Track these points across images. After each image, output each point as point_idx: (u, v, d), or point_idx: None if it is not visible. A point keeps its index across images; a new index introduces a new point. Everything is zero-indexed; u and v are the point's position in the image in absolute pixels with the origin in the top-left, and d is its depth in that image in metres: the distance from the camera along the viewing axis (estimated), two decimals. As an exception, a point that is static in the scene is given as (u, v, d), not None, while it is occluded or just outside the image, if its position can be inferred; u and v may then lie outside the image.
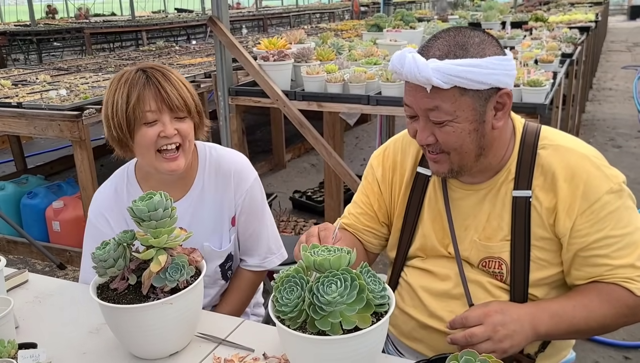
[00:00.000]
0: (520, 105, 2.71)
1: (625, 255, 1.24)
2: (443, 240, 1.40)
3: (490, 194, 1.34)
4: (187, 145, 1.52)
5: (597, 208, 1.24)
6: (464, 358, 0.85)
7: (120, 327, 1.26)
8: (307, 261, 1.09)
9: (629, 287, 1.23)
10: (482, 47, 1.20)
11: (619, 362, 2.69)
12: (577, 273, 1.29)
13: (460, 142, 1.24)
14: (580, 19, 6.36)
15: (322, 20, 17.19)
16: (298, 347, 1.09)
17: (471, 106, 1.20)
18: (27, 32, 10.95)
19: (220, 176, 1.65)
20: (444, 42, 1.21)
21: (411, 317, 1.43)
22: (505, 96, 1.24)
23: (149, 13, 18.94)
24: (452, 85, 1.17)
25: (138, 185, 1.63)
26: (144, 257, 1.24)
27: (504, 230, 1.32)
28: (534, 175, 1.29)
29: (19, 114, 3.42)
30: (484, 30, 1.26)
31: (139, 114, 1.45)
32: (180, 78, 1.52)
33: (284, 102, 3.24)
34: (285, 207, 4.56)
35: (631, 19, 22.86)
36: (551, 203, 1.27)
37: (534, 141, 1.32)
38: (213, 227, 1.65)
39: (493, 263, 1.34)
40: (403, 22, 4.62)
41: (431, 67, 1.16)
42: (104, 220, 1.62)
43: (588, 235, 1.25)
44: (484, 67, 1.17)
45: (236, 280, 1.77)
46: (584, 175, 1.25)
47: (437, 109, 1.21)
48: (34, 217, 3.86)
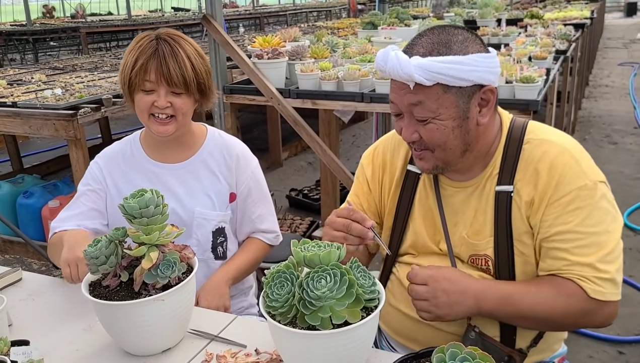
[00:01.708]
0: (513, 101, 2.72)
1: (587, 254, 1.22)
2: (434, 237, 1.41)
3: (477, 190, 1.35)
4: (180, 117, 1.62)
5: (566, 201, 1.23)
6: (450, 351, 0.85)
7: (113, 323, 1.26)
8: (297, 256, 1.10)
9: (583, 285, 1.21)
10: (465, 45, 1.21)
11: (613, 357, 2.70)
12: (541, 264, 1.29)
13: (444, 139, 1.25)
14: (576, 16, 6.37)
15: (319, 19, 17.18)
16: (289, 342, 1.10)
17: (454, 103, 1.21)
18: (23, 31, 10.94)
19: (225, 154, 1.76)
20: (427, 39, 1.23)
21: (401, 312, 1.44)
22: (489, 93, 1.24)
23: (146, 12, 18.92)
24: (434, 82, 1.18)
25: (141, 147, 1.75)
26: (135, 254, 1.25)
27: (487, 226, 1.33)
28: (517, 169, 1.30)
29: (14, 114, 3.41)
30: (468, 29, 1.27)
31: (139, 80, 1.57)
32: (188, 53, 1.59)
33: (278, 100, 3.25)
34: (281, 206, 4.57)
35: (628, 15, 22.89)
36: (529, 196, 1.27)
37: (520, 136, 1.32)
38: (208, 195, 1.72)
39: (480, 260, 1.35)
40: (398, 20, 4.63)
41: (414, 64, 1.17)
42: (99, 170, 1.74)
43: (552, 226, 1.24)
44: (466, 64, 1.18)
45: (247, 246, 1.84)
46: (561, 167, 1.25)
47: (421, 105, 1.22)
48: (30, 216, 3.86)
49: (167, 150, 1.72)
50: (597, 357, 2.69)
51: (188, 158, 1.74)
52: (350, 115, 3.61)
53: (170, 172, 1.71)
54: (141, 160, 1.73)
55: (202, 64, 1.63)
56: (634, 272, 3.38)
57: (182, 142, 1.73)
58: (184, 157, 1.74)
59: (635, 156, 5.53)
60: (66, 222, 1.67)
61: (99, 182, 1.72)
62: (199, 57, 1.62)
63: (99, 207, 1.71)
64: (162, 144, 1.71)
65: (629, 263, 3.47)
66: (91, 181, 1.73)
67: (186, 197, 1.70)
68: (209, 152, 1.75)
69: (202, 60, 1.63)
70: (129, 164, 1.73)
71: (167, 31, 1.63)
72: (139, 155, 1.74)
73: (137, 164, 1.73)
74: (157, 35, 1.60)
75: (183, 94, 1.59)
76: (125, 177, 1.72)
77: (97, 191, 1.72)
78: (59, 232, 1.65)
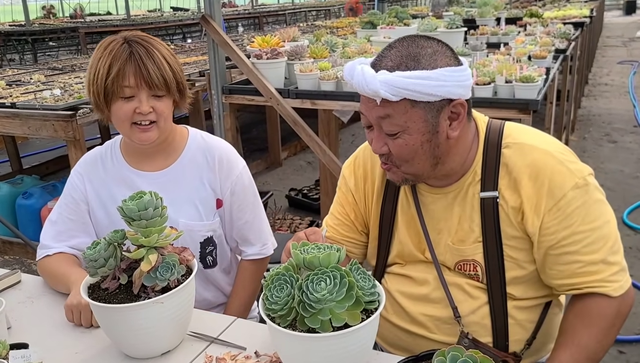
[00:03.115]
0: (512, 100, 2.72)
1: (596, 250, 1.23)
2: (419, 245, 1.40)
3: (459, 197, 1.33)
4: (162, 122, 1.54)
5: (564, 204, 1.22)
6: (450, 354, 0.85)
7: (112, 326, 1.26)
8: (296, 259, 1.09)
9: (604, 292, 1.23)
10: (434, 58, 1.18)
11: (614, 356, 2.69)
12: (551, 272, 1.28)
13: (412, 154, 1.23)
14: (575, 15, 6.37)
15: (318, 18, 17.17)
16: (288, 345, 1.09)
17: (423, 118, 1.19)
18: (22, 32, 10.93)
19: (208, 158, 1.67)
20: (397, 52, 1.20)
21: (393, 324, 1.44)
22: (459, 106, 1.22)
23: (145, 12, 18.91)
24: (401, 98, 1.16)
25: (121, 155, 1.66)
26: (134, 257, 1.24)
27: (475, 232, 1.32)
28: (499, 175, 1.28)
29: (13, 114, 3.41)
30: (439, 41, 1.24)
31: (117, 87, 1.47)
32: (163, 53, 1.53)
33: (277, 100, 3.24)
34: (281, 205, 4.57)
35: (627, 14, 22.89)
36: (516, 203, 1.26)
37: (497, 140, 1.30)
38: (193, 204, 1.65)
39: (468, 266, 1.34)
40: (397, 19, 4.63)
41: (379, 80, 1.15)
42: (79, 178, 1.67)
43: (557, 232, 1.24)
44: (433, 79, 1.15)
45: (240, 276, 1.78)
46: (548, 172, 1.24)
47: (389, 118, 1.19)
48: (30, 217, 3.86)
49: (148, 157, 1.64)
50: (597, 357, 2.69)
51: (170, 165, 1.65)
52: (349, 115, 3.61)
53: (151, 181, 1.61)
54: (121, 169, 1.65)
55: (177, 63, 1.57)
56: (634, 271, 3.38)
57: (162, 148, 1.64)
58: (165, 165, 1.65)
59: (635, 155, 5.52)
60: (55, 243, 1.62)
61: (80, 192, 1.65)
62: (173, 57, 1.56)
63: (83, 219, 1.66)
64: (142, 151, 1.63)
65: (629, 262, 3.43)
66: (73, 192, 1.65)
67: (169, 208, 1.56)
68: (191, 156, 1.66)
69: (175, 59, 1.57)
70: (109, 173, 1.65)
71: (134, 33, 1.55)
72: (119, 163, 1.65)
73: (117, 172, 1.65)
74: (125, 38, 1.51)
75: (164, 96, 1.52)
76: (105, 185, 1.65)
77: (79, 202, 1.65)
78: (54, 256, 1.60)
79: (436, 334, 1.37)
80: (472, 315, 1.34)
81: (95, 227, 1.67)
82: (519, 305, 1.34)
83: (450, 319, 1.35)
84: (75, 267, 1.57)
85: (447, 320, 1.35)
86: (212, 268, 1.73)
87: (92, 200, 1.66)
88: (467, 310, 1.34)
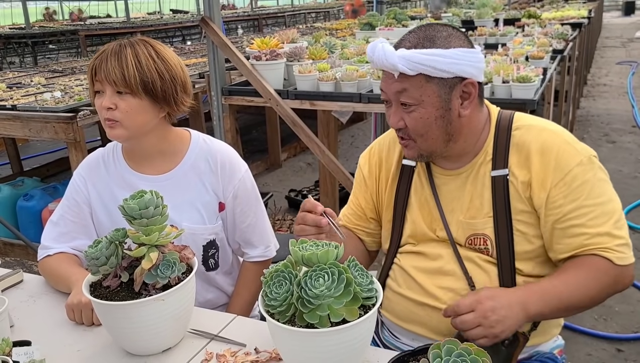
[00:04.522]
0: (509, 101, 2.74)
1: (601, 224, 1.29)
2: (431, 225, 1.46)
3: (470, 176, 1.41)
4: (127, 121, 1.52)
5: (569, 179, 1.30)
6: (446, 347, 0.87)
7: (113, 324, 1.27)
8: (295, 256, 1.11)
9: (608, 256, 1.28)
10: (449, 40, 1.30)
11: (612, 354, 2.71)
12: (558, 246, 1.33)
13: (426, 128, 1.33)
14: (573, 16, 6.40)
15: (318, 20, 17.20)
16: (287, 340, 1.11)
17: (436, 93, 1.30)
18: (22, 34, 10.95)
19: (210, 161, 1.67)
20: (415, 35, 1.33)
21: (406, 297, 1.47)
22: (470, 85, 1.32)
23: (144, 14, 18.93)
24: (417, 72, 1.27)
25: (123, 158, 1.68)
26: (135, 255, 1.26)
27: (485, 208, 1.38)
28: (510, 153, 1.36)
29: (14, 117, 3.43)
30: (454, 27, 1.35)
31: (93, 81, 1.53)
32: (138, 52, 1.51)
33: (276, 101, 3.26)
34: (280, 206, 4.59)
35: (626, 14, 22.90)
36: (526, 178, 1.34)
37: (508, 124, 1.40)
38: (196, 208, 1.65)
39: (478, 240, 1.39)
40: (395, 21, 4.65)
41: (397, 55, 1.27)
42: (82, 181, 1.68)
43: (562, 206, 1.30)
44: (447, 56, 1.27)
45: (243, 276, 1.79)
46: (555, 148, 1.32)
47: (405, 92, 1.30)
48: (30, 219, 3.87)
49: (148, 160, 1.64)
50: (595, 355, 2.70)
51: (172, 169, 1.65)
52: (348, 116, 3.62)
53: (153, 184, 1.59)
54: (123, 171, 1.65)
55: (158, 66, 1.52)
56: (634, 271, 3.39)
57: (162, 151, 1.64)
58: (167, 168, 1.65)
59: (634, 155, 5.54)
60: (56, 244, 1.63)
61: (83, 195, 1.66)
62: (159, 60, 1.53)
63: (85, 222, 1.67)
64: (141, 153, 1.64)
65: (627, 261, 3.48)
66: (75, 195, 1.66)
67: (172, 211, 1.55)
68: (193, 160, 1.66)
69: (164, 63, 1.54)
70: (112, 175, 1.66)
71: (137, 38, 1.57)
72: (121, 166, 1.66)
73: (118, 175, 1.66)
74: (127, 39, 1.56)
75: (127, 94, 1.50)
76: (108, 187, 1.66)
77: (82, 205, 1.66)
78: (55, 256, 1.62)
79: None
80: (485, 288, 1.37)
81: (97, 229, 1.68)
82: (527, 281, 1.37)
83: (464, 290, 1.39)
84: (76, 267, 1.58)
85: (461, 291, 1.39)
86: (214, 271, 1.74)
87: (94, 203, 1.67)
88: (480, 282, 1.38)
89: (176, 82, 1.56)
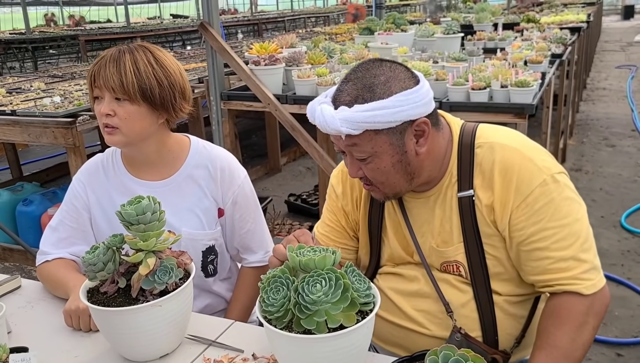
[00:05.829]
0: (508, 105, 2.74)
1: (566, 247, 1.23)
2: (407, 249, 1.44)
3: (439, 200, 1.37)
4: (125, 128, 1.52)
5: (531, 201, 1.24)
6: (442, 353, 0.87)
7: (111, 330, 1.27)
8: (292, 261, 1.11)
9: (576, 289, 1.22)
10: (388, 85, 1.21)
11: (612, 359, 2.70)
12: (525, 268, 1.29)
13: (385, 176, 1.28)
14: (572, 20, 6.41)
15: (317, 25, 17.23)
16: (285, 346, 1.11)
17: (388, 142, 1.24)
18: (22, 40, 10.97)
19: (210, 168, 1.67)
20: (352, 85, 1.24)
21: (386, 320, 1.46)
22: (422, 124, 1.25)
23: (144, 19, 18.99)
24: (363, 130, 1.21)
25: (123, 164, 1.67)
26: (133, 260, 1.26)
27: (454, 233, 1.35)
28: (474, 174, 1.31)
29: (13, 122, 3.43)
30: (392, 64, 1.27)
31: (92, 87, 1.53)
32: (137, 59, 1.51)
33: (275, 106, 3.27)
34: (280, 211, 4.58)
35: (625, 18, 22.94)
36: (489, 201, 1.29)
37: (470, 141, 1.33)
38: (195, 214, 1.65)
39: (451, 267, 1.37)
40: (394, 25, 4.66)
41: (338, 118, 1.20)
42: (81, 187, 1.67)
43: (525, 228, 1.25)
44: (390, 107, 1.19)
45: (241, 281, 1.78)
46: (516, 168, 1.26)
47: (357, 146, 1.25)
48: (30, 224, 3.87)
49: (147, 166, 1.64)
50: (595, 359, 2.70)
51: (171, 175, 1.65)
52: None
53: (153, 190, 1.55)
54: (122, 177, 1.65)
55: (157, 73, 1.52)
56: (632, 275, 3.39)
57: (162, 157, 1.64)
58: (166, 174, 1.65)
59: (633, 159, 5.54)
60: (55, 249, 1.63)
61: (83, 201, 1.66)
62: (158, 66, 1.53)
63: (84, 227, 1.66)
64: (141, 159, 1.63)
65: (627, 265, 3.48)
66: (74, 200, 1.66)
67: (172, 217, 1.58)
68: (193, 166, 1.66)
69: (163, 70, 1.53)
70: (111, 181, 1.66)
71: (137, 43, 1.57)
72: (120, 172, 1.66)
73: (118, 181, 1.65)
74: (128, 45, 1.55)
75: (126, 101, 1.50)
76: (107, 193, 1.65)
77: (81, 210, 1.66)
78: (53, 262, 1.61)
79: (428, 329, 1.39)
80: (462, 309, 1.36)
81: (97, 234, 1.68)
82: (506, 301, 1.36)
83: (441, 313, 1.37)
84: (74, 273, 1.58)
85: (438, 314, 1.38)
86: (213, 276, 1.74)
87: (94, 209, 1.66)
88: (457, 304, 1.36)
89: (175, 88, 1.56)
